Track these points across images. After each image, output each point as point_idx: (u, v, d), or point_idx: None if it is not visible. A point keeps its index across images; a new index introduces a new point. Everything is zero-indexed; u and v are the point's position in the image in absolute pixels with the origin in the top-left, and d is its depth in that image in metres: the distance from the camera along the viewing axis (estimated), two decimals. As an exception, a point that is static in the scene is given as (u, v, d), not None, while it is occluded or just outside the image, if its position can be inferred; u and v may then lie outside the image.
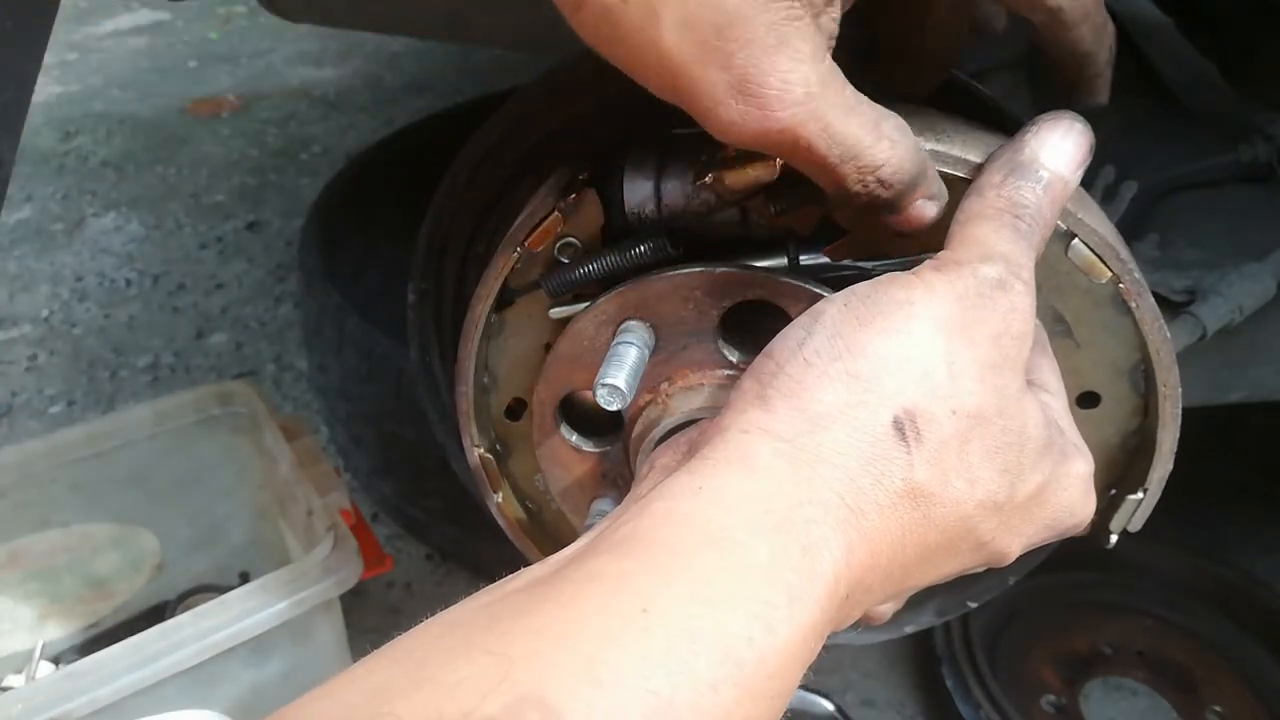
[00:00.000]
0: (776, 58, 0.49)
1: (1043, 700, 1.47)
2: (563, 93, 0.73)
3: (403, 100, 3.53)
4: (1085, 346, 0.65)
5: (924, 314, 0.51)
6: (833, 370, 0.50)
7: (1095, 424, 0.68)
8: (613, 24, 0.48)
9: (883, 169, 0.54)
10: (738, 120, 0.49)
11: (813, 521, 0.47)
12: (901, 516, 0.50)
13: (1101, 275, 0.61)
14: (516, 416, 0.75)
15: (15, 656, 1.38)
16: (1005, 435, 0.52)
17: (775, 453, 0.49)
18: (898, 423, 0.50)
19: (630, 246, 0.64)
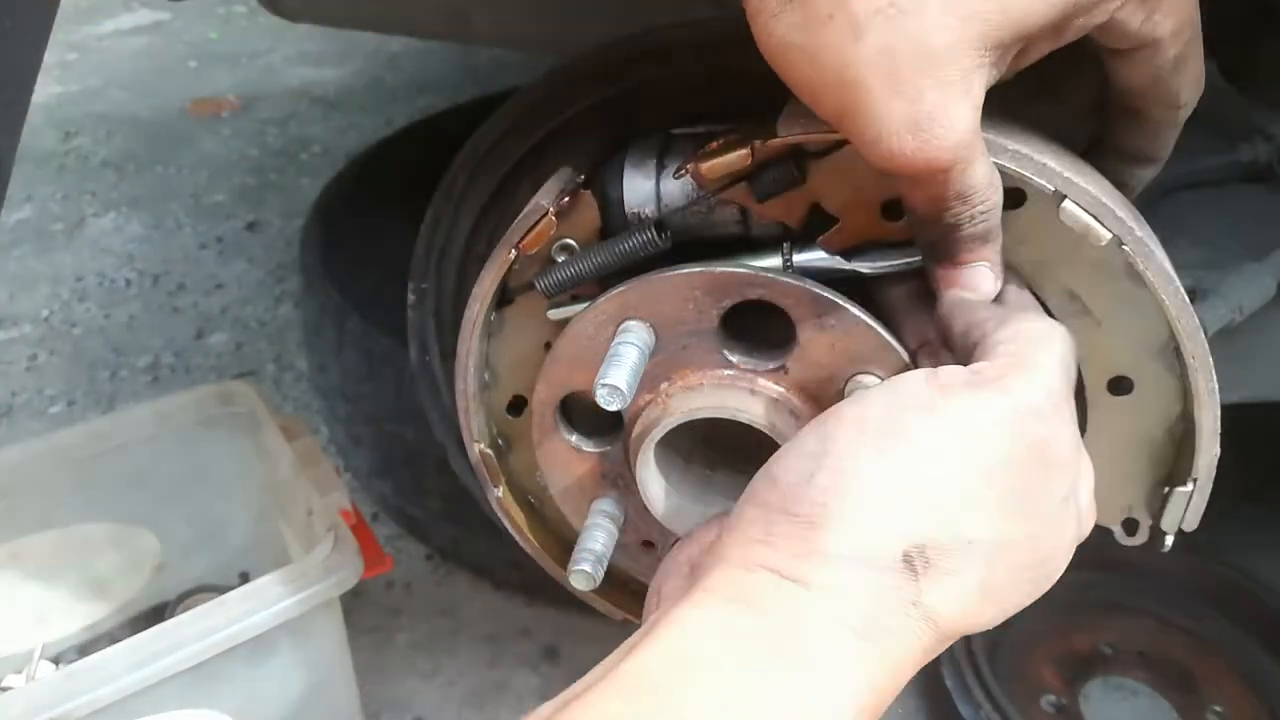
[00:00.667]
0: (961, 102, 0.51)
1: (1043, 700, 1.47)
2: (562, 93, 0.74)
3: (403, 100, 3.53)
4: (1108, 325, 0.61)
5: (948, 447, 0.50)
6: (845, 509, 0.49)
7: (1132, 413, 0.64)
8: (808, 34, 0.51)
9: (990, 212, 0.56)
10: (903, 152, 0.51)
11: (828, 657, 0.46)
12: (921, 640, 0.49)
13: (1100, 237, 0.58)
14: (518, 412, 0.75)
15: (15, 656, 1.38)
16: (1035, 554, 0.52)
17: (781, 590, 0.48)
18: (907, 557, 0.49)
19: (620, 240, 0.64)
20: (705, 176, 0.61)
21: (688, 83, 0.72)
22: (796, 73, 0.53)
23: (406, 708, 1.58)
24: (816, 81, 0.52)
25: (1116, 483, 0.67)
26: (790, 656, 0.46)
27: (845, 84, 0.51)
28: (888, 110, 0.51)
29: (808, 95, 0.53)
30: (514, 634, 1.69)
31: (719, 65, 0.71)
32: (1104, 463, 0.65)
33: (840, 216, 0.62)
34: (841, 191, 0.61)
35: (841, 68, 0.51)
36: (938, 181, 0.53)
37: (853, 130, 0.53)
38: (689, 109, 0.72)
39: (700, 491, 0.71)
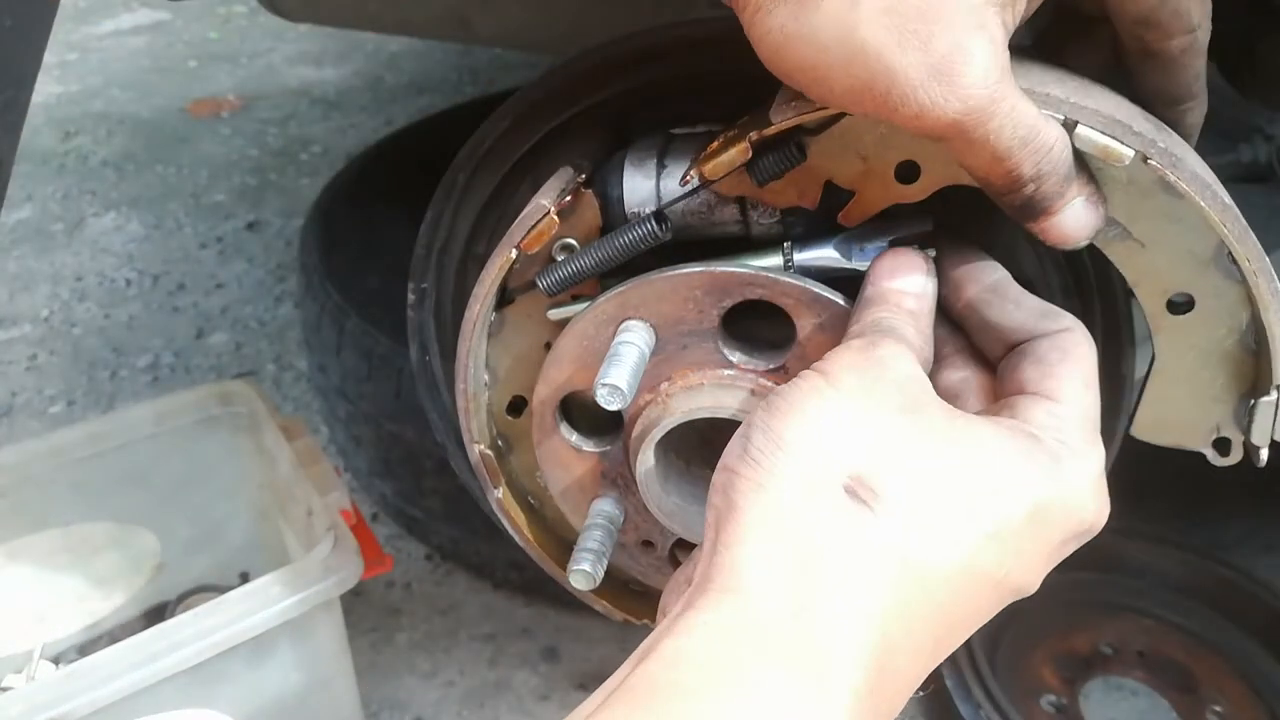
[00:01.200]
0: (976, 39, 0.49)
1: (1043, 700, 1.47)
2: (562, 93, 0.73)
3: (403, 100, 3.53)
4: (1152, 245, 0.59)
5: (827, 391, 0.52)
6: (776, 463, 0.50)
7: (1200, 330, 0.61)
8: (805, 18, 0.49)
9: (1053, 150, 0.53)
10: (931, 103, 0.49)
11: (815, 631, 0.47)
12: (898, 582, 0.49)
13: (1122, 157, 0.55)
14: (518, 413, 0.75)
15: (15, 656, 1.38)
16: (963, 467, 0.51)
17: (759, 558, 0.48)
18: (849, 490, 0.49)
19: (621, 234, 0.64)
20: (708, 178, 0.61)
21: (688, 83, 0.72)
22: (800, 62, 0.51)
23: (406, 708, 1.59)
24: (822, 64, 0.51)
25: (1199, 404, 0.64)
26: (787, 638, 0.46)
27: (854, 56, 0.49)
28: (904, 67, 0.49)
29: (817, 84, 0.52)
30: (513, 634, 1.69)
31: (719, 65, 0.71)
32: (1180, 385, 0.63)
33: (854, 189, 0.61)
34: (850, 164, 0.60)
35: (846, 40, 0.49)
36: (983, 133, 0.51)
37: (873, 101, 0.51)
38: (689, 109, 0.72)
39: (700, 491, 0.70)
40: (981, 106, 0.50)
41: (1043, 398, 0.56)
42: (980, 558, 0.50)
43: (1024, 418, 0.55)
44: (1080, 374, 0.58)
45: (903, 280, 0.60)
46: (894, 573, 0.48)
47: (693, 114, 0.71)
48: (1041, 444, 0.54)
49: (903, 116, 0.50)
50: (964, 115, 0.50)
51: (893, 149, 0.59)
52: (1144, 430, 0.66)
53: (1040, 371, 0.57)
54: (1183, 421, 0.65)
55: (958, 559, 0.50)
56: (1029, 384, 0.57)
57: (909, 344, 0.56)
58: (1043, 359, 0.58)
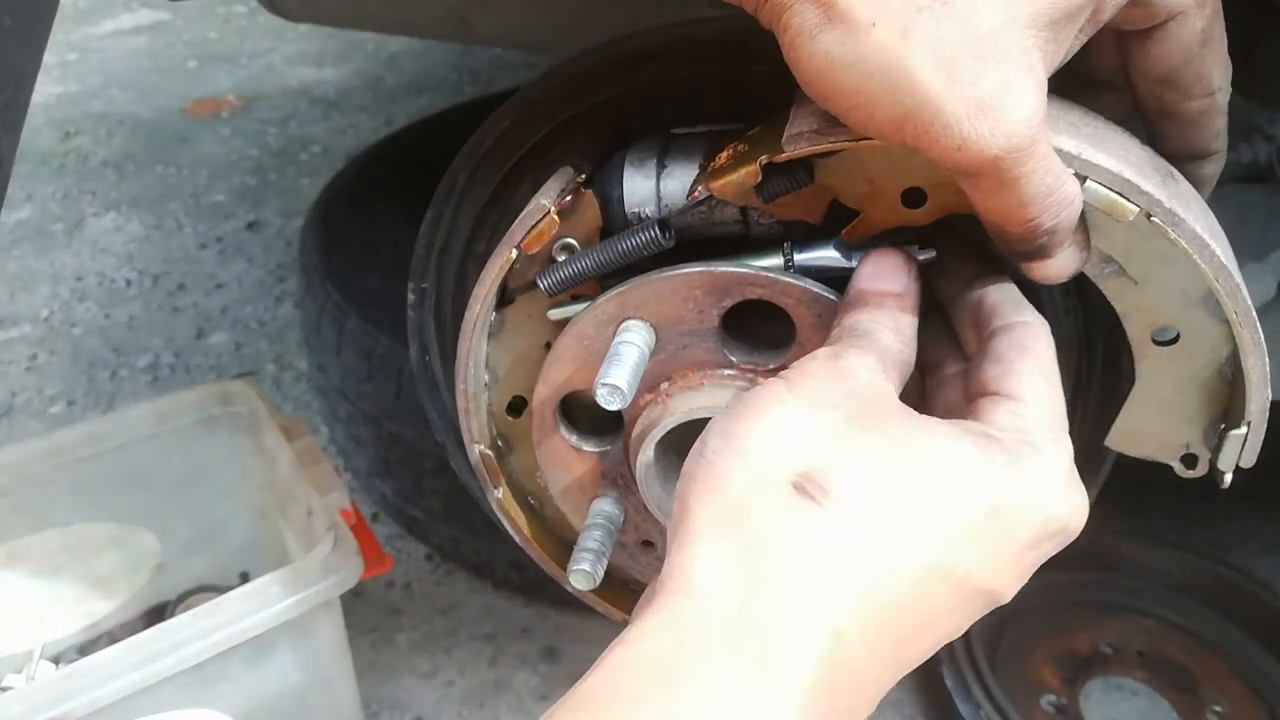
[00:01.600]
0: (1025, 78, 0.50)
1: (1043, 700, 1.47)
2: (563, 93, 0.73)
3: (403, 100, 3.53)
4: (1145, 282, 0.61)
5: (785, 396, 0.53)
6: (727, 464, 0.51)
7: (1181, 360, 0.64)
8: (853, 46, 0.49)
9: (1072, 205, 0.54)
10: (976, 137, 0.49)
11: (762, 625, 0.46)
12: (849, 578, 0.48)
13: (1126, 212, 0.57)
14: (518, 413, 0.75)
15: (15, 656, 1.38)
16: (916, 468, 0.51)
17: (707, 558, 0.49)
18: (797, 486, 0.50)
19: (623, 238, 0.64)
20: (716, 195, 0.62)
21: (688, 83, 0.72)
22: (843, 87, 0.51)
23: (406, 708, 1.59)
24: (866, 91, 0.50)
25: (1172, 425, 0.67)
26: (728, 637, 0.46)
27: (900, 85, 0.49)
28: (951, 100, 0.49)
29: (856, 110, 0.51)
30: (513, 634, 1.69)
31: (719, 65, 0.71)
32: (1157, 408, 0.66)
33: (860, 209, 0.62)
34: (857, 185, 0.61)
35: (894, 71, 0.49)
36: (1014, 177, 0.51)
37: (914, 131, 0.50)
38: (689, 108, 0.72)
39: (700, 491, 0.71)
40: (1022, 146, 0.50)
41: (1003, 397, 0.56)
42: (937, 556, 0.50)
43: (986, 419, 0.55)
44: (1040, 369, 0.58)
45: (885, 282, 0.60)
46: (844, 569, 0.48)
47: (693, 114, 0.72)
48: (1000, 443, 0.53)
49: (943, 148, 0.50)
50: (1006, 153, 0.50)
51: (901, 176, 0.60)
52: (1117, 441, 0.69)
53: (1000, 370, 0.57)
54: (1155, 437, 0.68)
55: (913, 557, 0.49)
56: (989, 384, 0.57)
57: (880, 350, 0.56)
58: (1001, 357, 0.58)
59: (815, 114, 0.57)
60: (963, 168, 0.51)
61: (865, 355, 0.55)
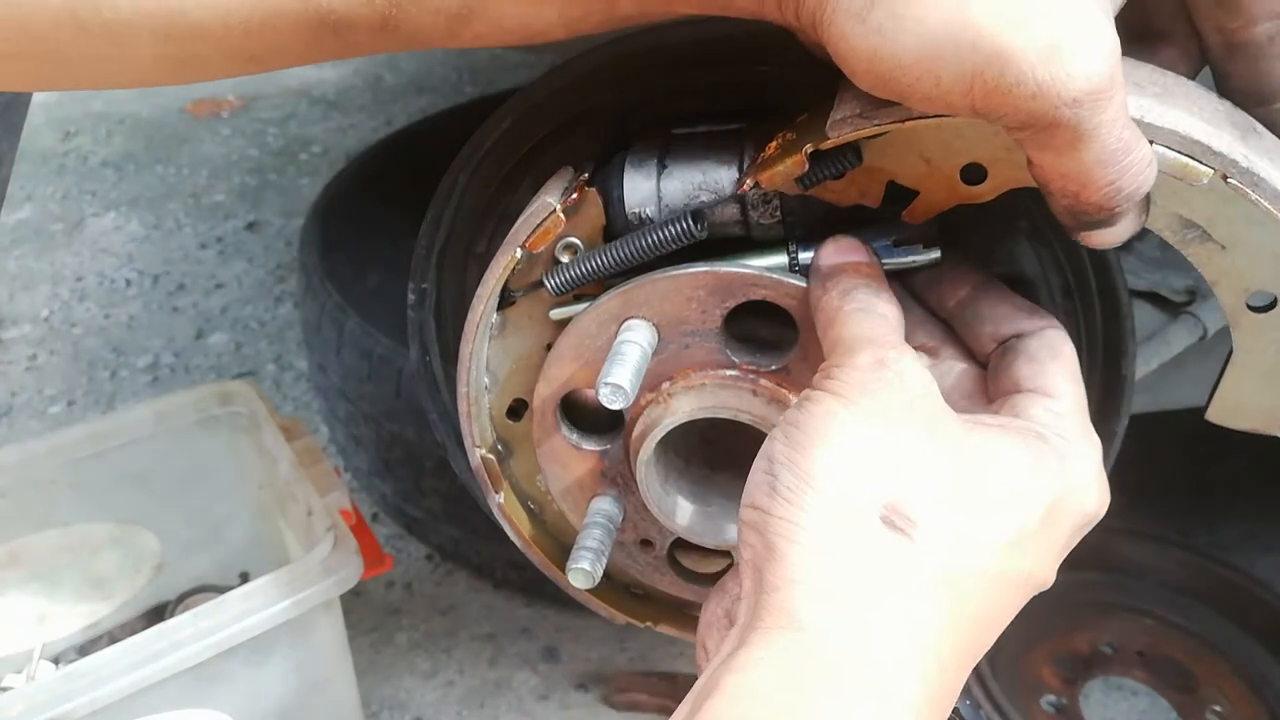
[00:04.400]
0: (1097, 15, 0.47)
1: (1043, 700, 1.47)
2: (563, 93, 0.73)
3: (403, 100, 3.53)
4: (1233, 246, 0.58)
5: (846, 417, 0.52)
6: (809, 500, 0.51)
7: (1278, 325, 0.61)
8: (908, 13, 0.47)
9: (1149, 167, 0.52)
10: (1051, 79, 0.46)
11: (875, 657, 0.48)
12: (942, 603, 0.50)
13: (1200, 175, 0.54)
14: (518, 417, 0.75)
15: (15, 656, 1.38)
16: (982, 480, 0.52)
17: (812, 597, 0.49)
18: (886, 520, 0.50)
19: (651, 231, 0.63)
20: (766, 187, 0.61)
21: (689, 83, 0.72)
22: (905, 61, 0.48)
23: (406, 707, 1.59)
24: (928, 56, 0.48)
25: (1275, 392, 0.65)
26: (853, 677, 0.47)
27: (965, 43, 0.47)
28: (1022, 44, 0.46)
29: (919, 81, 0.49)
30: (513, 634, 1.69)
31: (720, 65, 0.71)
32: (1257, 376, 0.64)
33: (918, 189, 0.60)
34: (913, 164, 0.59)
35: (957, 27, 0.47)
36: (1098, 123, 0.48)
37: (984, 88, 0.47)
38: (690, 108, 0.72)
39: (700, 491, 0.71)
40: (1102, 89, 0.47)
41: (1040, 394, 0.58)
42: (1005, 565, 0.52)
43: (1026, 415, 0.57)
44: (1069, 370, 0.60)
45: (851, 255, 0.61)
46: (936, 594, 0.50)
47: (693, 114, 0.71)
48: (1048, 444, 0.55)
49: (1016, 100, 0.47)
50: (1085, 94, 0.47)
51: (958, 152, 0.58)
52: (1219, 415, 0.67)
53: (1034, 369, 0.59)
54: (1259, 408, 0.66)
55: (988, 569, 0.52)
56: (1025, 381, 0.59)
57: (896, 327, 0.57)
58: (1035, 357, 0.60)
59: (859, 98, 0.56)
60: (1038, 118, 0.48)
61: (904, 354, 0.55)
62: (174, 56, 0.54)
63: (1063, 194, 0.53)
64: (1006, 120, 0.49)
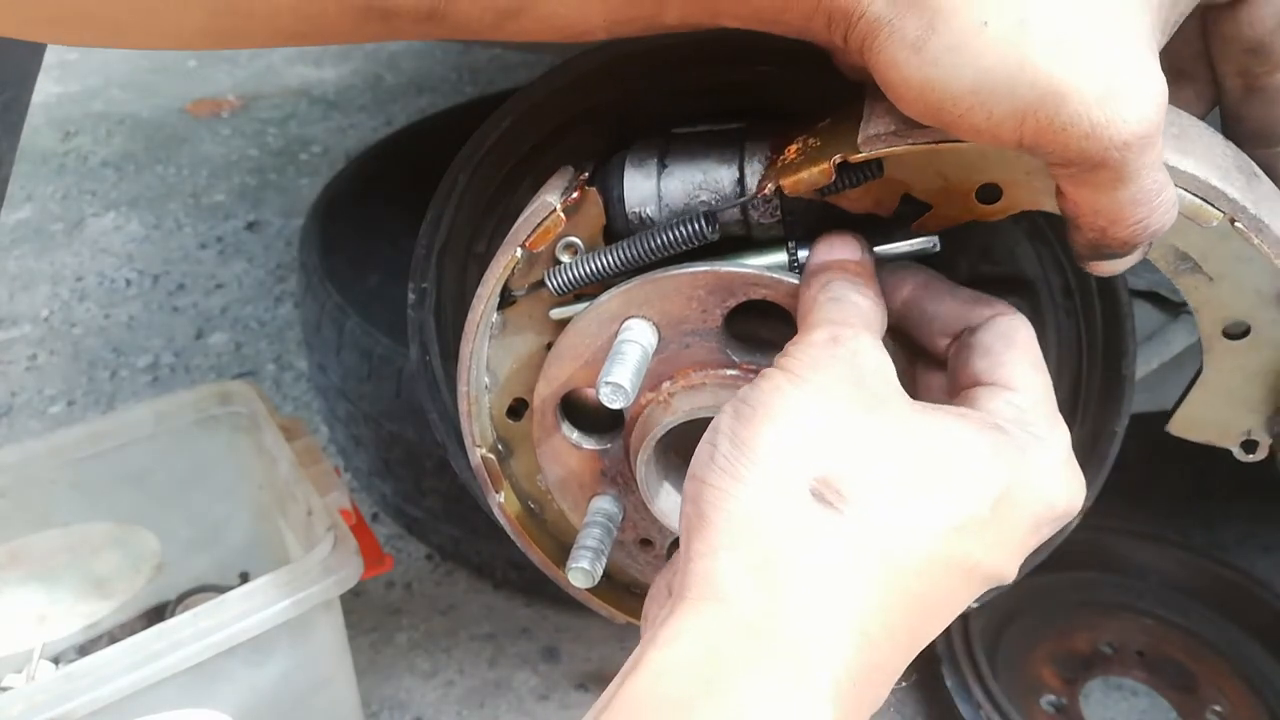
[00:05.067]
0: (1150, 60, 0.48)
1: (1043, 700, 1.47)
2: (563, 93, 0.73)
3: (403, 100, 3.53)
4: (1220, 279, 0.61)
5: (790, 392, 0.53)
6: (743, 470, 0.51)
7: (1250, 352, 0.65)
8: (967, 45, 0.48)
9: (1172, 210, 0.53)
10: (1106, 121, 0.47)
11: (794, 631, 0.47)
12: (872, 580, 0.49)
13: (1210, 218, 0.57)
14: (518, 416, 0.75)
15: (15, 656, 1.38)
16: (927, 461, 0.52)
17: (733, 567, 0.49)
18: (816, 493, 0.50)
19: (663, 230, 0.63)
20: (789, 192, 0.61)
21: (689, 82, 0.72)
22: (959, 93, 0.49)
23: (406, 707, 1.59)
24: (984, 91, 0.48)
25: (1235, 413, 0.69)
26: (771, 647, 0.47)
27: (1022, 80, 0.47)
28: (1078, 86, 0.47)
29: (970, 113, 0.49)
30: (513, 634, 1.69)
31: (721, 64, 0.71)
32: (1222, 396, 0.68)
33: (932, 203, 0.61)
34: (932, 180, 0.60)
35: (1014, 64, 0.47)
36: (1142, 164, 0.49)
37: (1036, 124, 0.48)
38: (689, 108, 0.72)
39: (700, 491, 0.71)
40: (1150, 133, 0.48)
41: (999, 387, 0.57)
42: (949, 549, 0.51)
43: (985, 409, 0.56)
44: (1027, 359, 0.59)
45: (842, 253, 0.61)
46: (865, 570, 0.49)
47: (693, 113, 0.71)
48: (1007, 435, 0.54)
49: (1068, 138, 0.48)
50: (1136, 137, 0.48)
51: (978, 171, 0.59)
52: (1180, 427, 0.70)
53: (990, 361, 0.58)
54: (1217, 423, 0.69)
55: (927, 552, 0.51)
56: (982, 375, 0.58)
57: (865, 318, 0.57)
58: (990, 349, 0.58)
59: (891, 113, 0.56)
60: (1088, 157, 0.49)
61: (860, 333, 0.55)
62: (220, 29, 0.54)
63: (1091, 228, 0.54)
64: (1053, 157, 0.50)
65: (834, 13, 0.51)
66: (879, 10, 0.49)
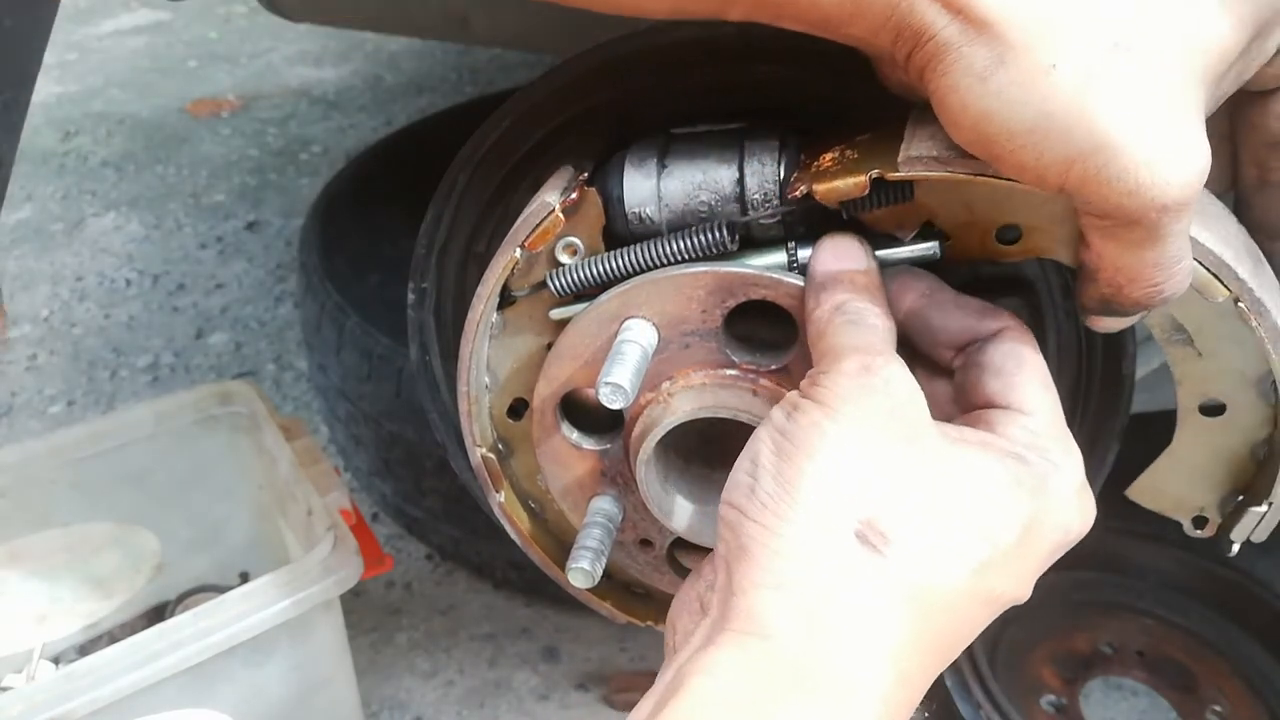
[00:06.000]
0: (1199, 133, 0.50)
1: (1043, 700, 1.47)
2: (563, 93, 0.73)
3: (403, 100, 3.53)
4: (1209, 356, 0.63)
5: (829, 428, 0.53)
6: (786, 509, 0.51)
7: (1221, 432, 0.66)
8: (1031, 88, 0.48)
9: (1188, 279, 0.55)
10: (1151, 183, 0.48)
11: (836, 667, 0.49)
12: (909, 619, 0.50)
13: (1218, 294, 0.58)
14: (518, 416, 0.75)
15: (15, 656, 1.38)
16: (960, 497, 0.53)
17: (778, 604, 0.50)
18: (860, 535, 0.51)
19: (683, 238, 0.63)
20: (821, 200, 0.60)
21: (688, 83, 0.72)
22: (1016, 130, 0.49)
23: (406, 707, 1.59)
24: (1040, 132, 0.49)
25: (1194, 489, 0.70)
26: (816, 687, 0.48)
27: (1079, 128, 0.48)
28: (1132, 145, 0.48)
29: (1021, 150, 0.50)
30: (513, 634, 1.69)
31: (721, 65, 0.71)
32: (1185, 470, 0.69)
33: (952, 235, 0.62)
34: (957, 212, 0.61)
35: (1075, 112, 0.48)
36: (1177, 229, 0.51)
37: (1083, 172, 0.49)
38: (689, 108, 0.72)
39: (700, 490, 0.71)
40: (1188, 200, 0.50)
41: (1014, 411, 0.57)
42: (978, 583, 0.52)
43: (1003, 435, 0.56)
44: (1038, 379, 0.59)
45: (850, 261, 0.61)
46: (903, 610, 0.51)
47: (693, 114, 0.71)
48: (1027, 464, 0.55)
49: (1112, 192, 0.49)
50: (1175, 203, 0.49)
51: (1003, 211, 0.60)
52: (1139, 494, 0.72)
53: (1002, 383, 0.58)
54: (1175, 496, 0.71)
55: (958, 587, 0.52)
56: (996, 397, 0.58)
57: (884, 339, 0.57)
58: (1000, 369, 0.59)
59: (935, 138, 0.56)
60: (1126, 213, 0.50)
61: (890, 360, 0.55)
62: None
63: (1109, 283, 0.55)
64: (1091, 207, 0.51)
65: (904, 30, 0.51)
66: (950, 35, 0.50)
